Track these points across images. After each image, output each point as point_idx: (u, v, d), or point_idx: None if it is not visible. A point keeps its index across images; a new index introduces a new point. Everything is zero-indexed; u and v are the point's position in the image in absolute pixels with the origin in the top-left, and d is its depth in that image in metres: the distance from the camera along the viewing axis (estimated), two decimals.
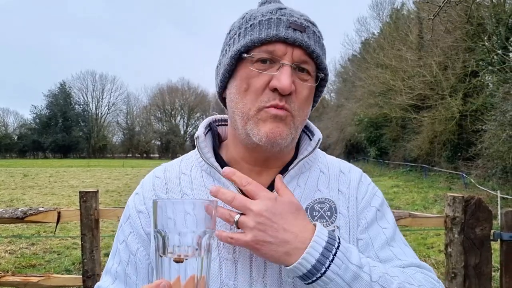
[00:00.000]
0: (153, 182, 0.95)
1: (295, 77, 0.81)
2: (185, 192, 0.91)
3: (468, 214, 2.67)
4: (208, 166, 0.91)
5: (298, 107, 0.83)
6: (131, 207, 0.94)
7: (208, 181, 0.91)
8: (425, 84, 21.34)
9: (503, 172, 13.42)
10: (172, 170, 0.97)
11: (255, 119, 0.82)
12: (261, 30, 0.81)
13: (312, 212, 0.89)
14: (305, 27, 0.82)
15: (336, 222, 0.89)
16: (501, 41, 16.52)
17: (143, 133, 79.91)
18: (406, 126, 26.43)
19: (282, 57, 0.80)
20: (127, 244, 0.92)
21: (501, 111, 13.38)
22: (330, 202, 0.91)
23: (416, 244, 7.53)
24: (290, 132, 0.84)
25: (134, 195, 0.97)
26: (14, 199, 13.56)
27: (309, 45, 0.81)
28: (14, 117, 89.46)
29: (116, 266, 0.92)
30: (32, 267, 6.16)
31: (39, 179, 22.32)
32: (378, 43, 29.87)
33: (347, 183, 0.95)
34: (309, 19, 0.87)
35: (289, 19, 0.82)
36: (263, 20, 0.82)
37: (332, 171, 0.97)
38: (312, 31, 0.84)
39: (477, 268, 2.66)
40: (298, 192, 0.90)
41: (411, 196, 14.92)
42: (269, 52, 0.81)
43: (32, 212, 2.93)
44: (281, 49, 0.80)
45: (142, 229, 0.90)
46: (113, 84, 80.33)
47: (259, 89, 0.81)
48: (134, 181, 21.37)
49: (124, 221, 0.95)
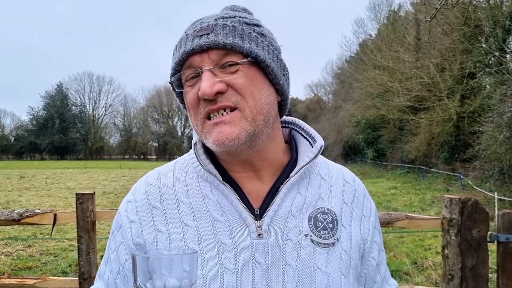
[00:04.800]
0: (146, 189, 0.92)
1: (223, 75, 0.81)
2: (181, 200, 0.88)
3: (465, 215, 2.67)
4: (206, 172, 0.88)
5: (242, 98, 0.81)
6: (123, 216, 0.91)
7: (205, 188, 0.88)
8: (422, 86, 21.39)
9: (500, 173, 13.45)
10: (166, 176, 0.93)
11: (204, 133, 0.84)
12: (176, 53, 0.85)
13: (315, 222, 0.87)
14: (213, 26, 0.82)
15: (337, 234, 0.89)
16: (498, 43, 16.57)
17: (140, 135, 79.75)
18: (403, 128, 26.48)
19: (200, 65, 0.81)
20: (117, 254, 0.90)
21: (498, 112, 13.42)
22: (332, 214, 0.90)
23: (413, 245, 7.54)
24: (242, 127, 0.80)
25: (126, 202, 0.93)
26: (11, 201, 13.51)
27: (217, 42, 0.79)
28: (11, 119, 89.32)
29: (108, 274, 0.92)
30: (28, 269, 6.14)
31: (35, 180, 22.26)
32: (376, 45, 29.91)
33: (352, 194, 0.96)
34: (222, 14, 0.85)
35: (195, 28, 0.83)
36: (177, 43, 0.86)
37: (335, 179, 0.96)
38: (222, 25, 0.82)
39: (474, 269, 2.66)
40: (299, 200, 0.88)
41: (408, 198, 14.94)
42: (188, 67, 0.83)
43: (29, 214, 2.92)
44: (196, 59, 0.81)
45: (132, 241, 0.87)
46: (110, 86, 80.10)
47: (194, 103, 0.83)
48: (131, 183, 21.32)
49: (116, 228, 0.93)
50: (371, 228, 0.96)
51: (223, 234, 0.83)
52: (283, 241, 0.83)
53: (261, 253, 0.82)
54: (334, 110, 45.28)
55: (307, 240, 0.85)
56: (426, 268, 6.19)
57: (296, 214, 0.87)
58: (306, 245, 0.84)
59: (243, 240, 0.82)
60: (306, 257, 0.83)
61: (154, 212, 0.88)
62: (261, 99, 0.83)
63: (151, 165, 50.94)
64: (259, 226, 0.83)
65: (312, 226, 0.86)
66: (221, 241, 0.82)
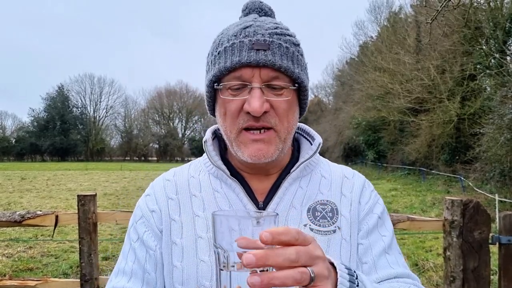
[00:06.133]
0: (164, 184, 0.99)
1: (268, 94, 0.84)
2: (193, 194, 0.96)
3: (466, 217, 2.67)
4: (216, 169, 0.95)
5: (280, 121, 0.86)
6: (143, 207, 0.98)
7: (216, 184, 0.96)
8: (423, 88, 21.40)
9: (501, 175, 13.43)
10: (181, 173, 1.02)
11: (237, 141, 0.88)
12: (226, 57, 0.84)
13: (314, 213, 0.92)
14: (269, 43, 0.83)
15: (337, 223, 0.92)
16: (499, 44, 16.58)
17: (141, 136, 79.80)
18: (404, 129, 26.46)
19: (251, 80, 0.83)
20: (143, 242, 0.94)
21: (499, 114, 13.41)
22: (332, 204, 0.95)
23: (414, 247, 7.53)
24: (276, 147, 0.87)
25: (144, 196, 1.01)
26: (12, 203, 13.51)
27: (274, 62, 0.82)
28: (12, 120, 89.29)
29: (131, 264, 0.94)
30: (29, 271, 6.13)
31: (36, 182, 22.26)
32: (376, 47, 29.94)
33: (350, 187, 0.99)
34: (275, 30, 0.86)
35: (252, 39, 0.83)
36: (228, 47, 0.85)
37: (335, 177, 1.00)
38: (278, 45, 0.84)
39: (476, 271, 2.66)
40: (300, 193, 0.94)
41: (409, 200, 14.92)
42: (237, 78, 0.84)
43: (30, 215, 2.92)
44: (248, 72, 0.82)
45: (156, 227, 0.94)
46: (111, 87, 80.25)
47: (234, 113, 0.86)
48: (132, 185, 21.33)
49: (135, 220, 0.98)
50: (367, 211, 0.97)
51: None
52: None
53: None
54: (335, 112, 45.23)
55: (306, 229, 0.90)
56: (427, 270, 6.18)
57: (297, 206, 0.93)
58: None
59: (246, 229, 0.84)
60: None
61: (169, 203, 0.96)
62: (293, 121, 0.90)
63: (152, 166, 50.99)
64: None
65: (310, 216, 0.92)
66: None
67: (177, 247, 0.91)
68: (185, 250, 0.90)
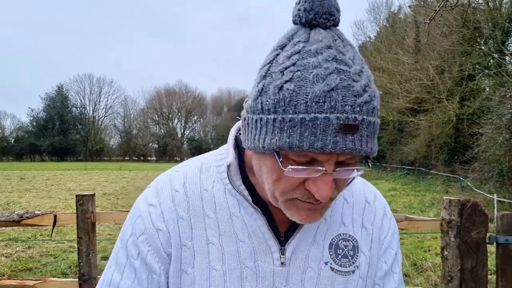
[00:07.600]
0: (173, 195, 0.84)
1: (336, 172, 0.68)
2: (207, 214, 0.83)
3: (464, 217, 2.68)
4: (234, 190, 0.83)
5: (339, 191, 0.74)
6: (147, 221, 0.83)
7: (233, 205, 0.83)
8: (422, 88, 21.44)
9: (500, 175, 13.46)
10: (192, 183, 0.86)
11: (288, 204, 0.73)
12: (303, 135, 0.63)
13: (336, 250, 0.86)
14: (359, 123, 0.63)
15: (357, 262, 0.88)
16: (497, 45, 16.61)
17: (141, 136, 79.81)
18: (403, 130, 26.51)
19: (324, 162, 0.66)
20: (146, 263, 0.82)
21: (498, 114, 13.44)
22: (353, 241, 0.89)
23: (413, 247, 7.55)
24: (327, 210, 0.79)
25: (147, 205, 0.85)
26: (11, 202, 13.51)
27: (360, 150, 0.64)
28: (11, 120, 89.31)
29: (130, 283, 0.83)
30: (28, 271, 6.13)
31: (35, 182, 22.25)
32: (375, 47, 29.98)
33: (372, 216, 0.93)
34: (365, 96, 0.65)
35: (339, 116, 0.62)
36: (307, 121, 0.62)
37: (357, 200, 0.93)
38: (367, 123, 0.65)
39: (473, 271, 2.67)
40: (324, 227, 0.87)
41: (408, 199, 14.96)
42: (309, 157, 0.66)
43: (29, 215, 2.92)
44: (325, 157, 0.65)
45: (162, 249, 0.82)
46: (110, 87, 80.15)
47: (292, 185, 0.70)
48: (131, 184, 21.34)
49: (136, 233, 0.84)
50: (386, 247, 0.94)
51: (247, 257, 0.82)
52: (303, 269, 0.84)
53: (281, 280, 0.82)
54: None
55: (327, 268, 0.84)
56: (425, 270, 6.20)
57: (320, 241, 0.85)
58: (325, 273, 0.84)
59: (265, 266, 0.82)
60: (324, 286, 0.84)
61: (180, 223, 0.82)
62: None
63: (151, 166, 50.96)
64: (282, 254, 0.83)
65: (332, 253, 0.86)
66: (244, 264, 0.82)
67: (188, 277, 0.81)
68: (197, 281, 0.80)
